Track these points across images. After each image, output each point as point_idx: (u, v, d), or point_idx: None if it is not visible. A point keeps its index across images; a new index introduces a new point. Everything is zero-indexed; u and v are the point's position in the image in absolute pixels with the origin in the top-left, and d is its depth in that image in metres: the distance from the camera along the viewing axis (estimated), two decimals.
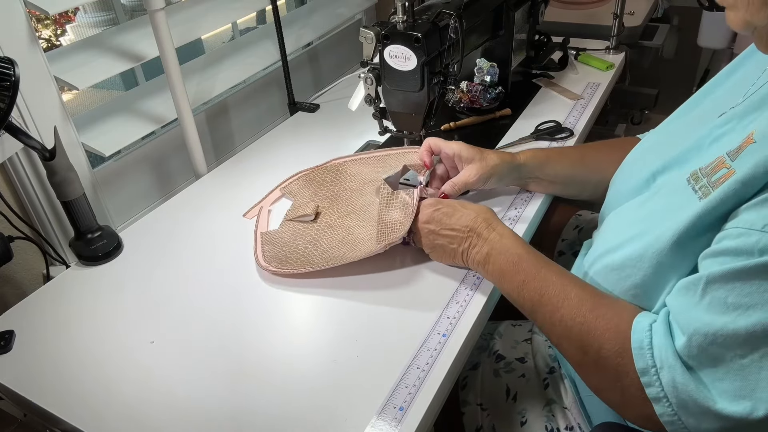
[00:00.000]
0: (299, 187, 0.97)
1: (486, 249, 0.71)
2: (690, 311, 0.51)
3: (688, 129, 0.67)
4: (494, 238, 0.71)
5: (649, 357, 0.53)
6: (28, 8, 0.86)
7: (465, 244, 0.73)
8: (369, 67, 0.92)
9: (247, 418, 0.62)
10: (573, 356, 0.61)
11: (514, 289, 0.67)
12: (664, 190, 0.62)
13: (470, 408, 0.79)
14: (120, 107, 1.08)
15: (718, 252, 0.51)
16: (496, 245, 0.70)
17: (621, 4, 1.32)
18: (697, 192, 0.54)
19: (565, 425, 0.73)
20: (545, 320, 0.64)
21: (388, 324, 0.71)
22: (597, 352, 0.57)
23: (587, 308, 0.60)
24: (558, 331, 0.62)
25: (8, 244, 0.83)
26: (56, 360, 0.71)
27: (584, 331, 0.58)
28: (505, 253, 0.69)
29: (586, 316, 0.59)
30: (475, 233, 0.72)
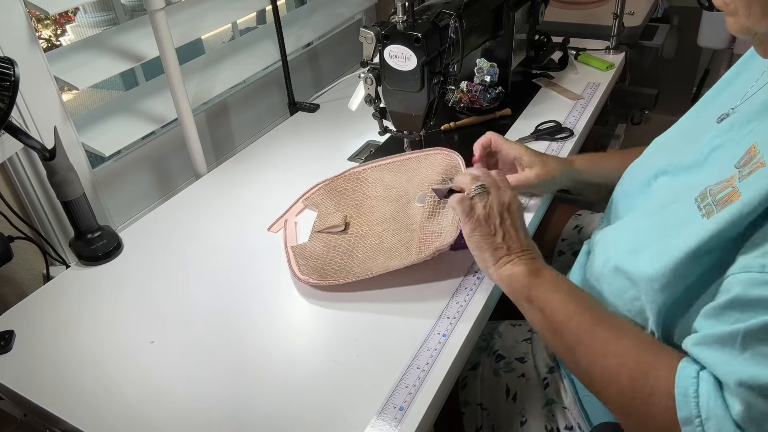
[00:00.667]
0: (321, 197, 0.94)
1: (537, 265, 0.67)
2: (731, 364, 0.48)
3: (692, 132, 0.67)
4: (542, 263, 0.68)
5: (693, 406, 0.49)
6: (28, 8, 0.86)
7: (516, 249, 0.68)
8: (369, 67, 0.92)
9: (247, 418, 0.62)
10: (616, 398, 0.56)
11: (556, 319, 0.62)
12: (665, 195, 0.62)
13: (470, 408, 0.79)
14: (120, 107, 1.08)
15: (748, 302, 0.48)
16: (545, 270, 0.67)
17: (621, 4, 1.32)
18: (702, 210, 0.54)
19: (565, 425, 0.73)
20: (590, 353, 0.59)
21: (388, 324, 0.71)
22: (649, 395, 0.53)
23: (645, 348, 0.56)
24: (604, 368, 0.57)
25: (8, 244, 0.83)
26: (56, 360, 0.71)
27: (639, 372, 0.54)
28: (552, 281, 0.65)
29: (645, 354, 0.55)
30: (526, 251, 0.68)
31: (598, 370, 0.58)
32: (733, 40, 1.61)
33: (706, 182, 0.56)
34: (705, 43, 1.66)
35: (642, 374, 0.54)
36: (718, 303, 0.50)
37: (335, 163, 1.07)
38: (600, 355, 0.58)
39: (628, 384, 0.54)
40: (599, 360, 0.57)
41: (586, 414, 0.72)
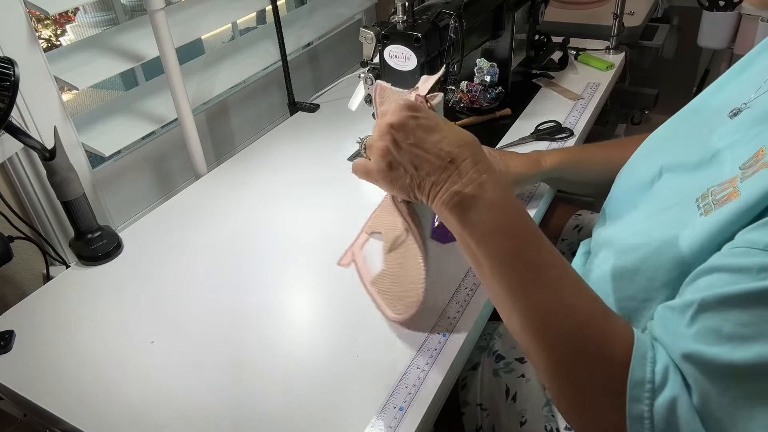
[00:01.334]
0: (380, 220, 0.87)
1: (470, 191, 0.53)
2: (676, 339, 0.46)
3: (697, 127, 0.65)
4: (484, 182, 0.54)
5: (649, 370, 0.46)
6: (28, 8, 0.86)
7: (437, 176, 0.55)
8: (369, 67, 0.92)
9: (246, 417, 0.62)
10: (558, 348, 0.50)
11: (499, 255, 0.53)
12: (669, 195, 0.60)
13: (470, 408, 0.79)
14: (120, 107, 1.08)
15: (711, 268, 0.46)
16: (486, 193, 0.53)
17: (621, 4, 1.32)
18: (700, 208, 0.52)
19: (565, 425, 0.73)
20: (534, 303, 0.51)
21: (388, 324, 0.71)
22: (597, 350, 0.48)
23: (600, 303, 0.51)
24: (554, 316, 0.50)
25: (8, 244, 0.83)
26: (56, 360, 0.71)
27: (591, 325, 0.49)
28: (499, 206, 0.53)
29: (597, 310, 0.50)
30: (455, 167, 0.55)
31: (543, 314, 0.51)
32: (732, 40, 1.61)
33: (709, 182, 0.54)
34: (705, 43, 1.66)
35: (596, 325, 0.49)
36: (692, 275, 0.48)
37: (335, 163, 1.07)
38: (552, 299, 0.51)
39: (577, 333, 0.49)
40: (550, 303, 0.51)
41: None
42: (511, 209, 0.54)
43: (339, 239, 0.87)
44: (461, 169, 0.54)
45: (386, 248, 0.78)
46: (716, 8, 1.56)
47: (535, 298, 0.51)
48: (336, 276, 0.80)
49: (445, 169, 0.55)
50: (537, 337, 0.51)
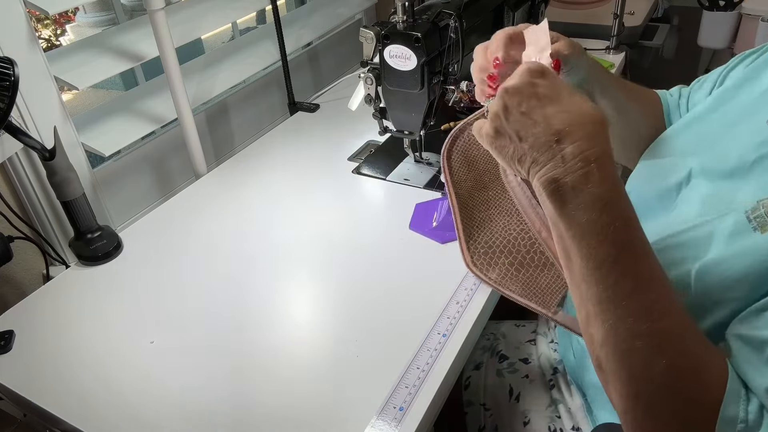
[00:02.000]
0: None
1: (570, 180, 0.47)
2: (757, 376, 0.43)
3: (727, 128, 0.60)
4: (590, 172, 0.46)
5: (743, 409, 0.42)
6: (28, 8, 0.86)
7: (538, 154, 0.49)
8: (369, 67, 0.92)
9: (246, 417, 0.62)
10: (639, 367, 0.45)
11: (594, 259, 0.46)
12: (704, 205, 0.56)
13: (473, 408, 0.79)
14: (120, 107, 1.08)
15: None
16: (589, 187, 0.46)
17: (621, 4, 1.32)
18: (752, 222, 0.48)
19: (572, 426, 0.73)
20: (623, 319, 0.45)
21: (388, 324, 0.71)
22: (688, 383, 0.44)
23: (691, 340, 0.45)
24: (632, 343, 0.45)
25: (8, 244, 0.83)
26: (56, 360, 0.71)
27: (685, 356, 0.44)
28: (601, 205, 0.46)
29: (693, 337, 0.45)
30: (561, 148, 0.47)
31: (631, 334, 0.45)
32: (733, 40, 1.61)
33: (757, 193, 0.50)
34: (705, 43, 1.66)
35: (690, 356, 0.44)
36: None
37: (335, 163, 1.07)
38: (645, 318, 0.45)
39: (668, 362, 0.43)
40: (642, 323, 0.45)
41: (593, 416, 0.72)
42: (615, 209, 0.46)
43: (339, 239, 0.87)
44: (566, 153, 0.47)
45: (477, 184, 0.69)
46: (716, 8, 1.56)
47: (625, 314, 0.45)
48: (336, 276, 0.80)
49: (549, 148, 0.48)
50: (619, 356, 0.46)
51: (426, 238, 0.85)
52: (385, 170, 1.03)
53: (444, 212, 0.86)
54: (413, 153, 1.03)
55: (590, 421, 0.72)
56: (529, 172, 0.50)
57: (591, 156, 0.46)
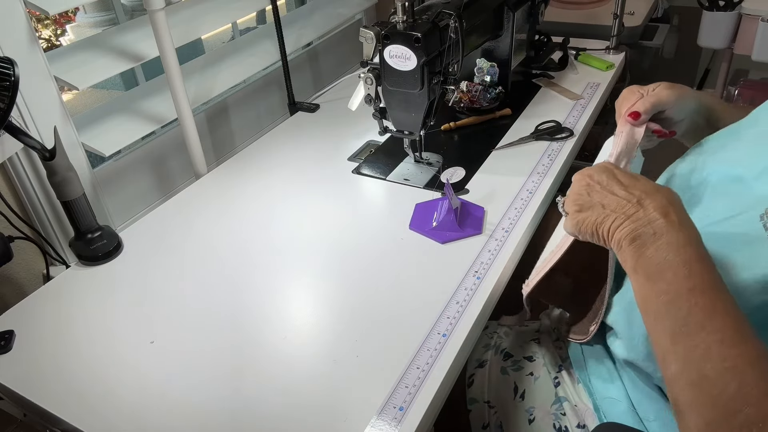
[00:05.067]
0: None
1: (650, 230, 0.53)
2: None
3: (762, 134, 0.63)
4: (666, 224, 0.52)
5: None
6: (28, 8, 0.86)
7: (620, 214, 0.55)
8: (369, 67, 0.92)
9: (247, 417, 0.62)
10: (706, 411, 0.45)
11: (670, 292, 0.50)
12: (732, 206, 0.58)
13: (477, 405, 0.79)
14: (120, 107, 1.08)
15: None
16: (669, 233, 0.52)
17: (621, 4, 1.32)
18: (767, 229, 0.51)
19: (577, 423, 0.73)
20: (699, 348, 0.46)
21: (388, 324, 0.71)
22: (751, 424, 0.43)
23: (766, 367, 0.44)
24: (710, 371, 0.45)
25: (8, 244, 0.83)
26: (56, 360, 0.71)
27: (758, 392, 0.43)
28: (679, 246, 0.51)
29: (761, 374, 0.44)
30: (642, 207, 0.54)
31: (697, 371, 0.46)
32: (732, 40, 1.61)
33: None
34: (705, 43, 1.66)
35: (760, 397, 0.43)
36: None
37: (335, 163, 1.07)
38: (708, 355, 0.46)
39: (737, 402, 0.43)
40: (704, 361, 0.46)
41: (600, 413, 0.72)
42: (689, 250, 0.51)
43: (339, 239, 0.87)
44: (646, 210, 0.54)
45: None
46: (716, 8, 1.56)
47: (697, 343, 0.47)
48: (336, 276, 0.80)
49: (630, 207, 0.55)
50: (693, 386, 0.46)
51: (426, 238, 0.85)
52: (385, 170, 1.03)
53: (444, 212, 0.86)
54: (413, 153, 1.03)
55: (596, 419, 0.72)
56: (610, 230, 0.56)
57: (671, 212, 0.53)
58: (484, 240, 0.84)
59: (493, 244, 0.83)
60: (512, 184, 0.95)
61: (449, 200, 0.85)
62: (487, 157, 1.04)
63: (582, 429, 0.72)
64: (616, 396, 0.70)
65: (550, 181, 0.95)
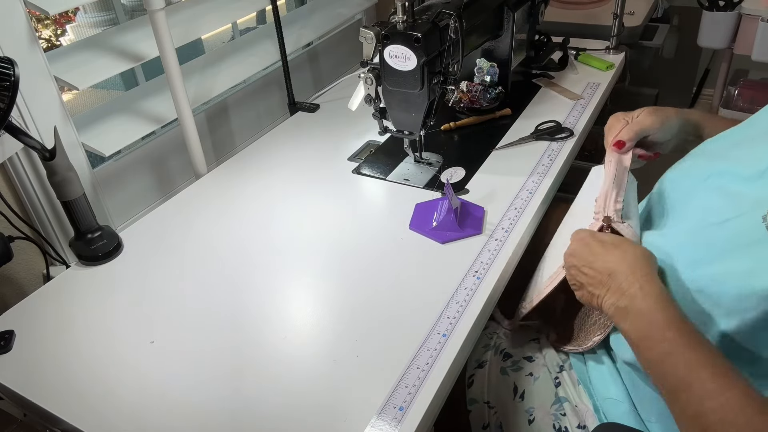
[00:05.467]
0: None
1: (623, 303, 0.60)
2: None
3: (753, 137, 0.65)
4: (635, 293, 0.59)
5: None
6: (28, 8, 0.86)
7: (600, 290, 0.63)
8: (369, 67, 0.92)
9: (246, 417, 0.62)
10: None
11: (654, 359, 0.56)
12: (727, 209, 0.59)
13: (477, 406, 0.79)
14: (120, 107, 1.08)
15: None
16: (636, 302, 0.59)
17: (621, 4, 1.32)
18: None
19: (578, 423, 0.73)
20: (690, 405, 0.51)
21: (388, 324, 0.71)
22: None
23: (753, 410, 0.48)
24: (704, 424, 0.50)
25: (8, 244, 0.83)
26: (56, 360, 0.71)
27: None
28: (647, 314, 0.57)
29: (750, 417, 0.48)
30: (614, 281, 0.62)
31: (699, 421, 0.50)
32: (732, 40, 1.61)
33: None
34: (705, 43, 1.66)
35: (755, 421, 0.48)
36: None
37: (335, 163, 1.07)
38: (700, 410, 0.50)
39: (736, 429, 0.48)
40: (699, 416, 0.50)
41: (600, 414, 0.72)
42: (658, 317, 0.57)
43: (339, 239, 0.87)
44: (617, 282, 0.62)
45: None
46: (716, 8, 1.56)
47: (688, 398, 0.52)
48: (336, 276, 0.80)
49: (604, 284, 0.63)
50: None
51: (426, 238, 0.85)
52: (385, 170, 1.03)
53: (444, 212, 0.86)
54: (413, 153, 1.03)
55: (597, 419, 0.72)
56: (599, 305, 0.64)
57: (633, 279, 0.60)
58: (484, 240, 0.84)
59: (493, 244, 0.83)
60: (512, 184, 0.95)
61: (449, 200, 0.85)
62: (487, 157, 1.04)
63: (582, 429, 0.72)
64: (618, 397, 0.70)
65: (550, 181, 0.95)
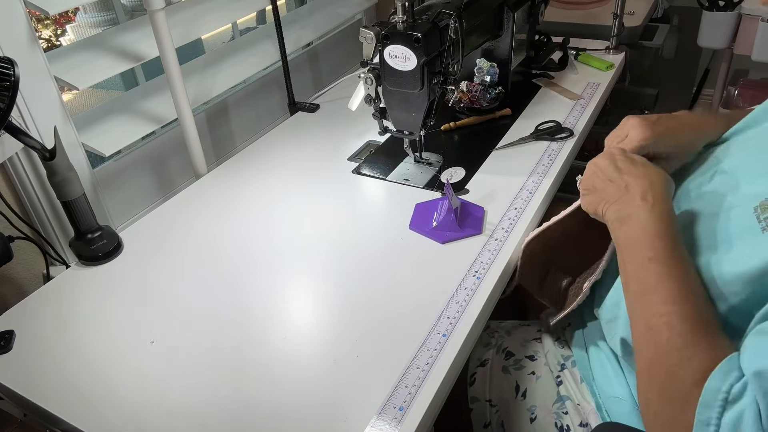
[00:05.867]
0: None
1: (628, 211, 0.63)
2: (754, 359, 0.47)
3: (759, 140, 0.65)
4: (641, 205, 0.62)
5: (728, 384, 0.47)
6: (28, 8, 0.86)
7: (611, 197, 0.66)
8: (369, 67, 0.92)
9: (246, 417, 0.62)
10: (647, 353, 0.55)
11: (635, 262, 0.59)
12: (721, 201, 0.61)
13: (479, 404, 0.79)
14: (120, 107, 1.08)
15: None
16: (640, 213, 0.61)
17: (621, 4, 1.32)
18: (762, 222, 0.53)
19: (580, 422, 0.73)
20: (647, 308, 0.56)
21: (388, 324, 0.71)
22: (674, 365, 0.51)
23: (700, 320, 0.52)
24: (653, 323, 0.55)
25: (8, 244, 0.83)
26: (56, 360, 0.71)
27: (682, 341, 0.52)
28: (644, 222, 0.60)
29: (695, 326, 0.52)
30: (628, 193, 0.64)
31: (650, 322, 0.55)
32: (732, 40, 1.61)
33: (765, 192, 0.55)
34: (705, 43, 1.66)
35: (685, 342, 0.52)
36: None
37: (335, 163, 1.07)
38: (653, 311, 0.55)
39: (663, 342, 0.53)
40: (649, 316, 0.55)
41: (603, 412, 0.72)
42: (655, 228, 0.60)
43: (339, 239, 0.87)
44: (630, 193, 0.64)
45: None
46: (716, 8, 1.56)
47: (654, 300, 0.56)
48: (336, 276, 0.80)
49: (619, 192, 0.65)
50: (643, 333, 0.57)
51: (426, 238, 0.85)
52: (385, 170, 1.03)
53: (444, 212, 0.86)
54: (413, 153, 1.03)
55: (599, 418, 0.72)
56: (604, 212, 0.66)
57: (649, 197, 0.62)
58: (484, 240, 0.84)
59: (493, 244, 0.83)
60: (512, 184, 0.95)
61: (449, 200, 0.85)
62: (487, 157, 1.04)
63: (584, 428, 0.72)
64: (621, 395, 0.70)
65: (550, 181, 0.95)
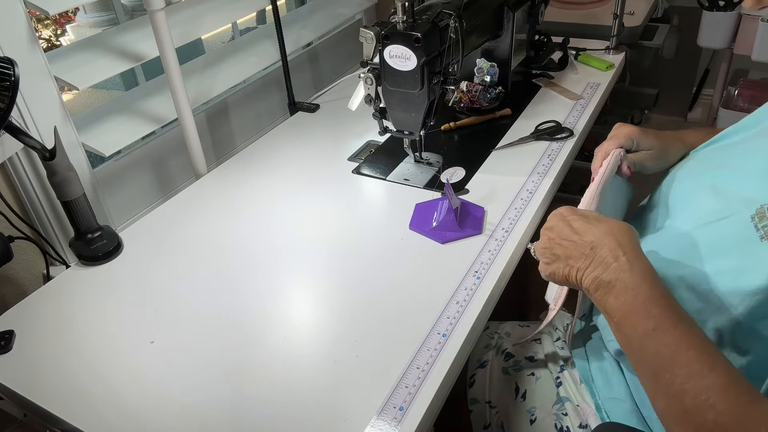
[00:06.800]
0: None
1: (608, 276, 0.57)
2: None
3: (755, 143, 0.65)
4: (621, 267, 0.56)
5: None
6: (28, 8, 0.86)
7: (581, 263, 0.60)
8: (369, 67, 0.92)
9: (247, 417, 0.62)
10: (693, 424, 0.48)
11: (638, 335, 0.53)
12: (717, 209, 0.60)
13: (478, 406, 0.79)
14: (120, 107, 1.08)
15: None
16: (623, 276, 0.56)
17: (621, 4, 1.32)
18: (759, 230, 0.52)
19: (579, 423, 0.73)
20: (673, 384, 0.50)
21: (388, 324, 0.71)
22: None
23: (737, 392, 0.47)
24: (689, 404, 0.48)
25: (8, 244, 0.83)
26: (56, 360, 0.71)
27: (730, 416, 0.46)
28: (633, 289, 0.55)
29: (738, 395, 0.47)
30: (597, 254, 0.58)
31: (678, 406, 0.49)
32: (732, 40, 1.61)
33: (761, 198, 0.54)
34: (705, 43, 1.66)
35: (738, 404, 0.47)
36: None
37: (335, 163, 1.07)
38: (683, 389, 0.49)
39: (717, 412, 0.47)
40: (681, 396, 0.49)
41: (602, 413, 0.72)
42: (644, 292, 0.54)
43: (339, 239, 0.87)
44: (601, 255, 0.58)
45: None
46: (716, 8, 1.56)
47: (673, 378, 0.50)
48: (336, 276, 0.80)
49: (586, 257, 0.59)
50: (676, 419, 0.50)
51: (426, 238, 0.85)
52: (385, 170, 1.03)
53: (444, 212, 0.86)
54: (413, 153, 1.03)
55: (599, 419, 0.72)
56: (577, 279, 0.60)
57: (619, 253, 0.57)
58: (484, 240, 0.84)
59: (493, 244, 0.83)
60: (512, 184, 0.95)
61: (449, 200, 0.85)
62: (487, 157, 1.04)
63: (584, 429, 0.72)
64: (620, 396, 0.70)
65: (550, 181, 0.95)
